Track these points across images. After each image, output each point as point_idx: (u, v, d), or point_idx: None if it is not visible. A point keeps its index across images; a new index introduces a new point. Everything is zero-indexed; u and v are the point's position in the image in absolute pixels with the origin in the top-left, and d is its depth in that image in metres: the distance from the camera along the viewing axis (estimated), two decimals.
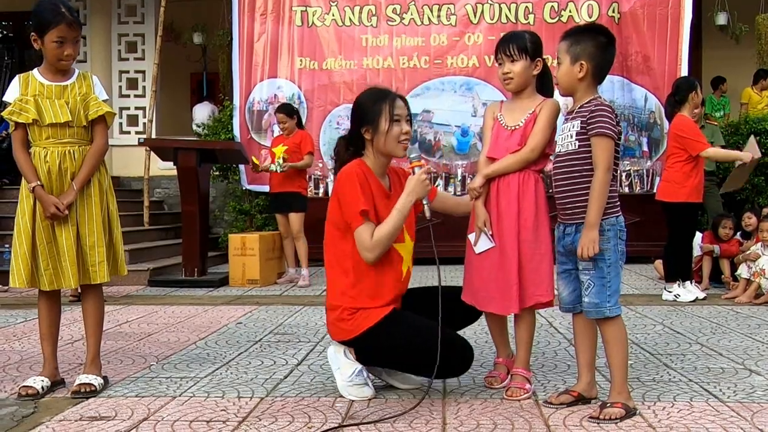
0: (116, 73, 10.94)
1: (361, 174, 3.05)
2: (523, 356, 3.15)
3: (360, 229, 2.98)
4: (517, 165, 3.08)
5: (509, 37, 3.19)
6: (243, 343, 4.33)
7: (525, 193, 3.08)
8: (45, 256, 3.24)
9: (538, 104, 3.12)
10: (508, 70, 3.14)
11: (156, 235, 9.17)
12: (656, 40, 8.94)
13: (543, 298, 3.08)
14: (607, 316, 2.82)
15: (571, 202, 2.88)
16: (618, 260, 2.85)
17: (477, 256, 3.17)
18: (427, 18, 9.11)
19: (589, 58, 2.85)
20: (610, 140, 2.78)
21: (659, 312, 5.25)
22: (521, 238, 3.07)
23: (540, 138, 3.07)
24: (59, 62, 3.24)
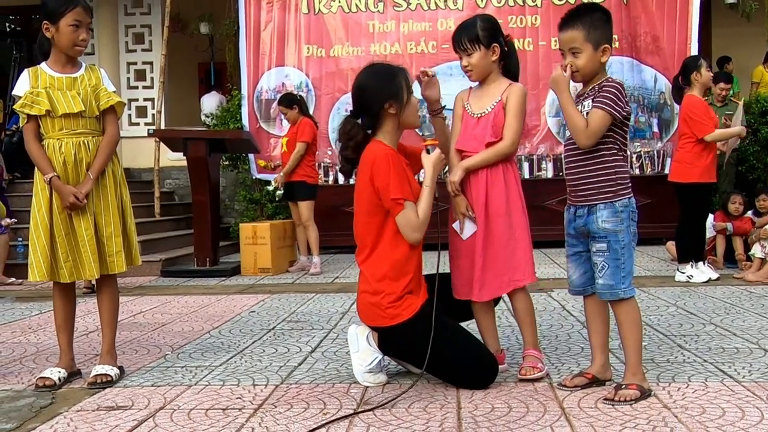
0: (124, 65, 10.95)
1: (393, 155, 3.03)
2: (530, 339, 3.14)
3: (405, 212, 2.97)
4: (495, 158, 3.08)
5: (460, 31, 3.15)
6: (256, 332, 4.35)
7: (493, 182, 3.08)
8: (64, 248, 3.25)
9: (504, 90, 3.10)
10: (466, 63, 3.14)
11: (167, 226, 9.21)
12: (665, 20, 8.87)
13: (520, 282, 3.09)
14: (622, 298, 2.82)
15: (583, 184, 2.86)
16: (631, 241, 2.84)
17: (453, 245, 3.18)
18: (434, 3, 9.07)
19: (608, 40, 2.85)
20: (606, 115, 2.76)
21: (672, 293, 5.24)
22: (493, 227, 3.08)
23: (515, 129, 3.06)
24: (74, 47, 3.24)
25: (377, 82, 3.10)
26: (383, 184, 2.97)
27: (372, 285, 3.04)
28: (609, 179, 2.82)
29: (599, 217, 2.82)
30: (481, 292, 3.11)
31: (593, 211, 2.83)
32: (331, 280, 6.64)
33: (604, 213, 2.82)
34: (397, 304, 2.98)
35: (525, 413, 2.66)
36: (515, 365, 3.25)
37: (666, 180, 6.13)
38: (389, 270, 3.01)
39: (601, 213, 2.82)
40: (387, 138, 3.10)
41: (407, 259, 3.02)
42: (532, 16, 8.93)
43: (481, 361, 3.01)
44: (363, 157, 3.07)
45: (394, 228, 3.02)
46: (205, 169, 7.18)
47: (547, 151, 8.76)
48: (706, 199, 5.90)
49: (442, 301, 3.03)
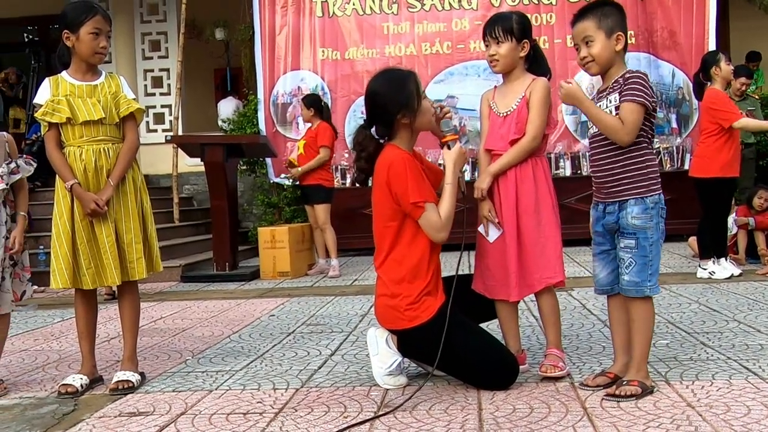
0: (141, 72, 11.03)
1: (409, 159, 3.02)
2: (553, 338, 3.13)
3: (426, 214, 2.96)
4: (521, 156, 3.06)
5: (495, 19, 3.16)
6: (276, 335, 4.35)
7: (523, 179, 3.07)
8: (86, 255, 3.27)
9: (527, 86, 3.09)
10: (493, 53, 3.13)
11: (187, 231, 9.26)
12: (682, 15, 8.79)
13: (552, 279, 3.07)
14: (647, 295, 2.79)
15: (611, 180, 2.83)
16: (660, 239, 2.82)
17: (482, 245, 3.17)
18: (448, 3, 9.05)
19: (621, 29, 2.83)
20: (639, 106, 2.73)
21: (694, 290, 5.19)
22: (522, 224, 3.06)
23: (538, 124, 3.05)
24: (94, 55, 3.27)
25: (388, 92, 3.08)
26: (401, 189, 2.96)
27: (389, 288, 3.03)
28: (640, 174, 2.79)
29: (629, 212, 2.79)
30: (519, 291, 3.10)
31: (624, 206, 2.80)
32: (349, 282, 6.64)
33: (635, 209, 2.79)
34: (415, 306, 2.97)
35: (547, 414, 2.65)
36: (536, 366, 3.22)
37: (686, 176, 6.08)
38: (407, 273, 3.00)
39: (632, 209, 2.79)
40: (402, 143, 3.09)
41: (424, 261, 3.01)
42: (547, 13, 8.89)
43: (502, 362, 2.99)
44: (379, 162, 3.06)
45: (412, 231, 3.00)
46: (223, 174, 7.22)
47: (565, 149, 8.72)
48: (727, 195, 5.81)
49: (461, 302, 3.02)
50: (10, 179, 3.41)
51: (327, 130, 7.23)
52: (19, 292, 3.49)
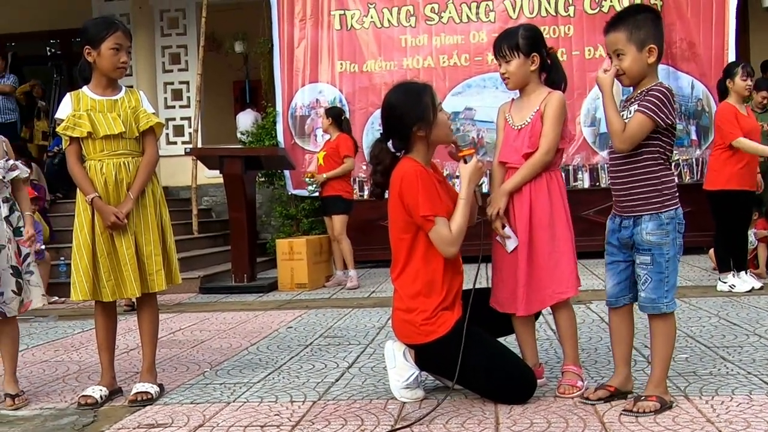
0: (161, 85, 11.12)
1: (422, 170, 3.02)
2: (570, 353, 3.11)
3: (437, 227, 2.95)
4: (535, 171, 3.05)
5: (501, 37, 3.15)
6: (294, 348, 4.36)
7: (537, 193, 3.06)
8: (106, 267, 3.30)
9: (543, 100, 3.08)
10: (504, 71, 3.13)
11: (205, 243, 9.31)
12: (701, 26, 8.74)
13: (563, 294, 3.06)
14: (664, 312, 2.77)
15: (629, 194, 2.82)
16: (676, 254, 2.79)
17: (496, 259, 3.17)
18: (466, 16, 9.06)
19: (655, 40, 2.77)
20: (647, 119, 2.71)
21: (714, 303, 5.14)
22: (536, 238, 3.05)
23: (551, 138, 3.03)
24: (115, 70, 3.31)
25: (403, 104, 3.08)
26: (413, 201, 2.97)
27: (405, 302, 3.03)
28: (654, 189, 2.77)
29: (644, 229, 2.77)
30: (527, 305, 3.08)
31: (639, 222, 2.79)
32: (367, 294, 6.64)
33: (650, 225, 2.77)
34: (431, 321, 2.97)
35: (564, 428, 2.63)
36: (554, 379, 3.21)
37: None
38: (422, 287, 3.00)
39: (646, 225, 2.77)
40: (419, 157, 3.09)
41: (440, 276, 3.01)
42: (565, 26, 8.87)
43: (519, 376, 2.99)
44: (393, 175, 3.06)
45: (427, 244, 3.00)
46: (242, 186, 7.26)
47: (583, 161, 8.68)
48: (737, 207, 5.69)
49: (479, 316, 3.02)
50: (8, 174, 3.44)
51: (348, 140, 7.32)
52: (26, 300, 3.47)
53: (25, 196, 3.55)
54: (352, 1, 9.22)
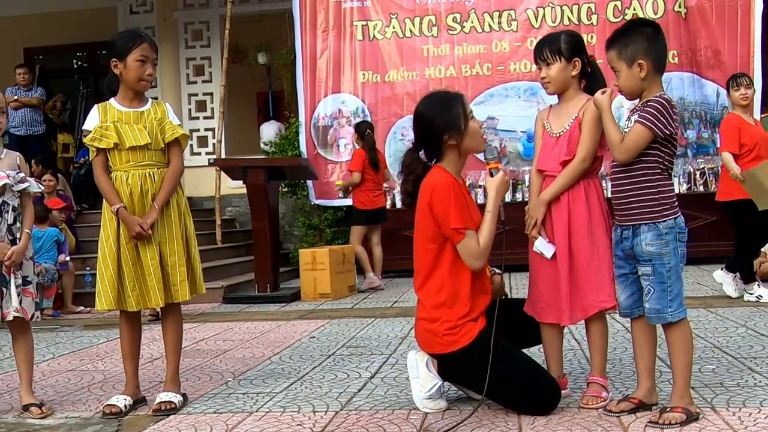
0: (185, 97, 11.23)
1: (454, 182, 3.01)
2: (598, 364, 3.08)
3: (465, 240, 2.95)
4: (572, 180, 3.03)
5: (543, 41, 3.15)
6: (316, 357, 4.37)
7: (575, 200, 3.04)
8: (131, 277, 3.33)
9: (581, 107, 3.06)
10: (544, 75, 3.12)
11: (229, 253, 9.36)
12: (726, 34, 8.67)
13: (606, 303, 3.02)
14: (670, 322, 2.74)
15: (629, 203, 2.81)
16: (678, 263, 2.77)
17: (534, 267, 3.15)
18: (488, 25, 9.06)
19: (644, 55, 2.77)
20: (646, 130, 2.71)
21: (741, 314, 5.07)
22: (575, 246, 3.02)
23: (588, 145, 3.01)
24: (140, 82, 3.35)
25: (435, 113, 3.07)
26: (443, 212, 2.96)
27: (429, 312, 3.02)
28: (652, 199, 2.76)
29: (643, 239, 2.76)
30: (571, 316, 3.06)
31: (637, 233, 2.78)
32: (390, 304, 6.64)
33: (648, 235, 2.76)
34: (455, 331, 2.96)
35: None
36: (578, 390, 3.19)
37: None
38: (447, 297, 2.99)
39: (645, 235, 2.76)
40: (450, 166, 3.08)
41: (466, 287, 2.99)
42: (587, 34, 8.82)
43: (543, 386, 2.96)
44: (424, 184, 3.05)
45: (453, 255, 2.99)
46: (265, 197, 7.30)
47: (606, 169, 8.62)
48: (746, 216, 5.54)
49: (503, 326, 3.00)
50: (17, 185, 3.45)
51: (359, 156, 7.64)
52: (30, 312, 3.45)
53: (29, 213, 3.51)
54: (374, 11, 9.27)
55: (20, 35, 12.01)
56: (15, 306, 3.38)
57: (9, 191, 3.41)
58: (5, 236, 3.39)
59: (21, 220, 3.47)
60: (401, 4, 9.20)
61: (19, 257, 3.40)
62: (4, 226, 3.40)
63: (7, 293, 3.39)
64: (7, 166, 3.45)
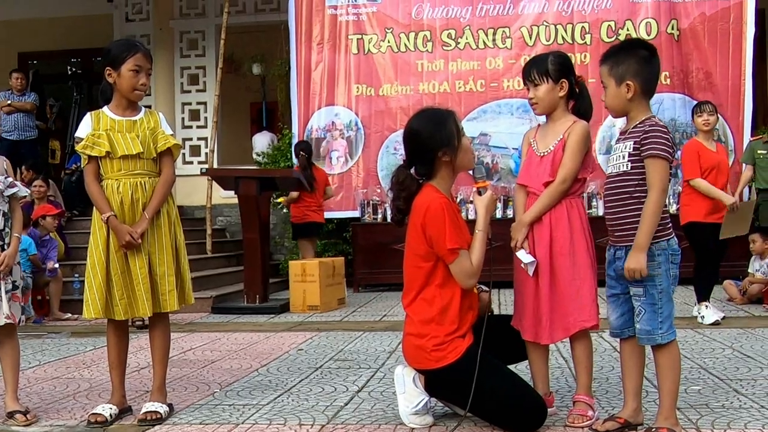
0: (179, 105, 11.23)
1: (448, 202, 3.03)
2: (584, 382, 3.09)
3: (459, 260, 2.96)
4: (553, 201, 3.05)
5: (531, 62, 3.18)
6: (304, 370, 4.36)
7: (558, 220, 3.06)
8: (120, 286, 3.32)
9: (567, 128, 3.09)
10: (532, 95, 3.16)
11: (218, 263, 9.34)
12: (718, 56, 8.76)
13: (587, 323, 3.04)
14: (660, 343, 2.76)
15: (623, 224, 2.83)
16: (670, 285, 2.78)
17: (518, 285, 3.16)
18: (483, 42, 9.12)
19: (634, 76, 2.80)
20: (664, 162, 2.73)
21: (728, 335, 5.09)
22: (557, 266, 3.04)
23: (569, 167, 3.04)
24: (133, 92, 3.36)
25: (428, 129, 3.08)
26: (438, 234, 2.96)
27: (417, 328, 3.03)
28: None
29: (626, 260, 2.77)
30: (550, 334, 3.08)
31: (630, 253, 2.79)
32: (378, 318, 6.63)
33: None
34: (443, 347, 2.96)
35: None
36: (564, 408, 3.19)
37: None
38: (436, 314, 3.00)
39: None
40: (441, 184, 3.10)
41: (455, 304, 3.00)
42: (581, 53, 8.91)
43: (529, 404, 2.97)
44: (416, 203, 3.06)
45: (444, 273, 3.00)
46: (256, 207, 7.30)
47: (598, 188, 8.67)
48: (703, 240, 5.62)
49: (490, 342, 3.00)
50: (7, 191, 3.43)
51: None
52: (18, 316, 3.45)
53: (18, 217, 3.50)
54: (369, 25, 9.31)
55: (15, 40, 12.01)
56: (5, 312, 3.36)
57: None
58: None
59: (10, 224, 3.46)
60: (397, 19, 9.26)
61: (11, 262, 3.40)
62: None
63: None
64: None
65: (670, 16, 8.77)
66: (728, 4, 8.73)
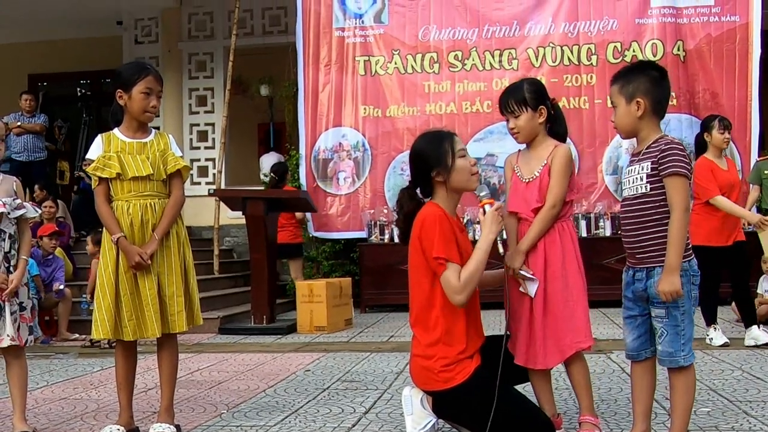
0: (187, 127, 11.31)
1: (443, 215, 3.03)
2: (586, 403, 3.08)
3: (446, 273, 2.95)
4: (546, 226, 3.06)
5: (508, 92, 3.19)
6: (311, 391, 4.35)
7: (551, 245, 3.07)
8: (129, 306, 3.34)
9: (550, 153, 3.11)
10: (512, 126, 3.17)
11: (226, 283, 9.35)
12: (724, 77, 8.79)
13: (582, 344, 3.04)
14: (682, 366, 2.75)
15: (643, 246, 2.81)
16: (692, 307, 2.77)
17: (513, 311, 3.16)
18: (489, 63, 9.17)
19: (644, 94, 2.81)
20: (685, 179, 2.73)
21: (737, 356, 5.07)
22: (550, 290, 3.05)
23: (557, 192, 3.06)
24: (144, 114, 3.39)
25: (424, 150, 3.13)
26: (429, 242, 2.98)
27: (424, 349, 3.02)
28: (666, 241, 2.76)
29: (657, 281, 2.76)
30: (544, 359, 3.07)
31: (651, 275, 2.78)
32: (386, 338, 6.62)
33: None
34: (450, 368, 2.96)
35: None
36: (572, 430, 3.17)
37: None
38: (442, 335, 2.99)
39: (660, 277, 2.76)
40: (442, 203, 3.10)
41: (460, 324, 3.00)
42: (587, 74, 8.95)
43: (537, 425, 2.95)
44: (415, 219, 3.08)
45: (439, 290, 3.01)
46: (263, 228, 7.32)
47: (605, 209, 8.67)
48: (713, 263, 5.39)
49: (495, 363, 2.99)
50: (14, 212, 3.45)
51: None
52: (24, 337, 3.46)
53: (26, 240, 3.52)
54: (376, 47, 9.37)
55: (25, 62, 12.13)
56: (10, 333, 3.37)
57: (5, 219, 3.43)
58: (1, 264, 3.40)
59: (18, 247, 3.48)
60: (403, 41, 9.32)
61: (18, 285, 3.41)
62: (0, 254, 3.40)
63: (1, 320, 3.39)
64: (4, 193, 3.46)
65: (676, 37, 8.81)
66: (734, 26, 8.76)
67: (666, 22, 8.82)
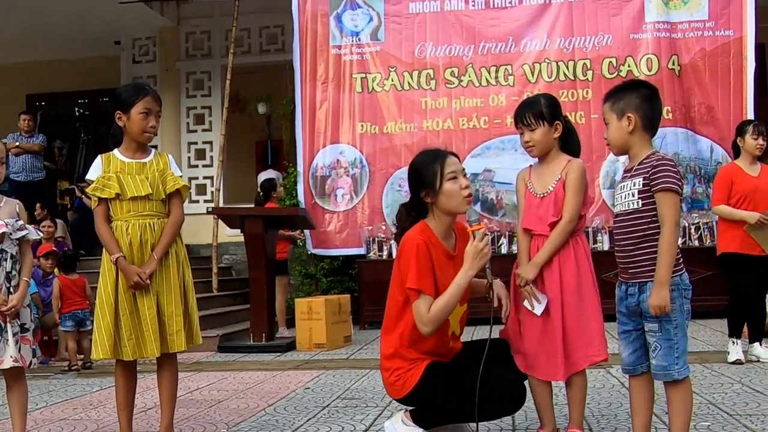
0: (185, 145, 11.34)
1: (422, 244, 2.99)
2: (577, 417, 3.12)
3: (417, 302, 2.97)
4: (562, 240, 3.09)
5: (525, 106, 3.22)
6: (311, 409, 4.34)
7: (566, 259, 3.10)
8: (128, 326, 3.34)
9: (563, 168, 3.14)
10: (528, 139, 3.19)
11: (225, 301, 9.34)
12: (719, 91, 8.84)
13: (597, 357, 3.08)
14: (676, 379, 2.75)
15: (635, 261, 2.83)
16: (684, 320, 2.79)
17: (526, 326, 3.16)
18: (485, 79, 9.21)
19: (635, 110, 2.84)
20: (675, 195, 2.75)
21: (737, 370, 5.07)
22: (566, 302, 3.08)
23: (573, 206, 3.09)
24: (143, 134, 3.41)
25: (415, 170, 3.15)
26: (405, 269, 3.00)
27: (383, 361, 3.12)
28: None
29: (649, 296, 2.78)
30: (563, 370, 3.09)
31: (644, 289, 2.79)
32: None
33: None
34: (403, 376, 3.03)
35: None
36: None
37: None
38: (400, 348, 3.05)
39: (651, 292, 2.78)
40: (433, 223, 3.11)
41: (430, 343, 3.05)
42: (583, 89, 9.01)
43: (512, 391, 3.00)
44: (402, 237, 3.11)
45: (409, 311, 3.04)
46: (262, 245, 7.32)
47: (603, 223, 8.69)
48: (741, 271, 5.38)
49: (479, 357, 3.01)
50: (16, 233, 3.46)
51: None
52: (28, 359, 3.44)
53: (28, 261, 3.51)
54: (373, 64, 9.42)
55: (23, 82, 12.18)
56: (13, 354, 3.37)
57: (7, 239, 3.43)
58: (2, 284, 3.40)
59: (19, 268, 3.48)
60: (400, 58, 9.36)
61: (19, 306, 3.41)
62: (2, 274, 3.40)
63: (2, 341, 3.39)
64: (7, 215, 3.47)
65: (670, 51, 8.87)
66: (728, 40, 8.82)
67: (661, 37, 8.88)
